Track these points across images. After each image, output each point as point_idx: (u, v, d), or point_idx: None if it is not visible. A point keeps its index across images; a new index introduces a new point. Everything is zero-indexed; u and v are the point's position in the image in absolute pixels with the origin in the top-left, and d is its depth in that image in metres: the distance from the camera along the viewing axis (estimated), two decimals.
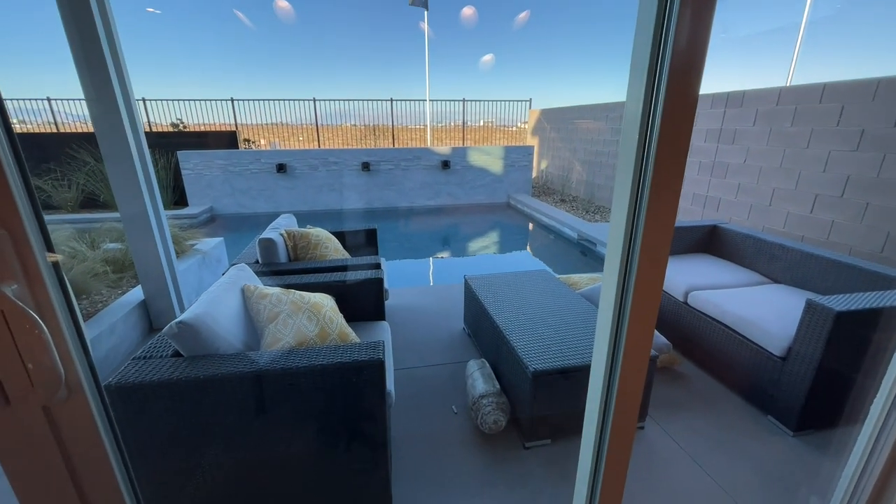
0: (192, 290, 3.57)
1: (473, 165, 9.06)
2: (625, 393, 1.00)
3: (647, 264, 0.81)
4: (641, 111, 0.70)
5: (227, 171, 8.07)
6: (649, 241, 0.78)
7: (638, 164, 0.74)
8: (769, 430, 2.06)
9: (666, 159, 0.71)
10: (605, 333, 0.94)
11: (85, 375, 0.61)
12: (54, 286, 0.57)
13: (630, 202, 0.77)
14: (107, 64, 2.41)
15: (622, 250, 0.82)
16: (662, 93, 0.67)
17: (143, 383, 1.27)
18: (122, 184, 2.69)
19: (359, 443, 1.55)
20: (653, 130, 0.70)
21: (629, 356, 0.94)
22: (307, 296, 1.78)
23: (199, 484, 1.43)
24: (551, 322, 2.23)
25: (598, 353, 1.00)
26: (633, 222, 0.79)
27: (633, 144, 0.73)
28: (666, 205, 0.76)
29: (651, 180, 0.72)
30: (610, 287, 0.88)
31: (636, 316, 0.88)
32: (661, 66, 0.66)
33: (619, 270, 0.84)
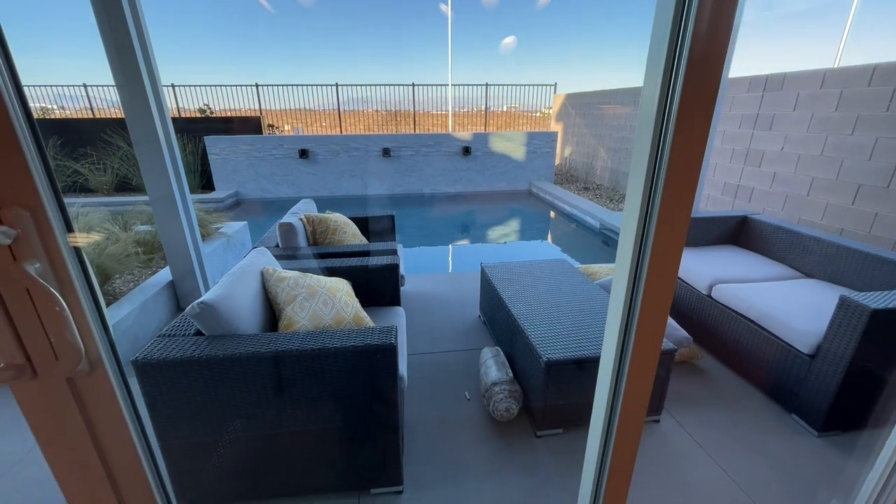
0: (217, 272, 3.69)
1: (495, 152, 8.94)
2: (634, 386, 0.98)
3: (660, 256, 0.78)
4: (658, 97, 0.67)
5: (251, 157, 8.23)
6: (663, 232, 0.76)
7: (654, 150, 0.71)
8: (792, 429, 2.00)
9: (683, 146, 0.68)
10: (614, 325, 0.92)
11: (105, 350, 0.64)
12: (74, 265, 0.60)
13: (644, 190, 0.74)
14: (135, 50, 2.47)
15: (635, 241, 0.79)
16: (681, 77, 0.63)
17: (167, 360, 1.33)
18: (150, 168, 2.78)
19: (372, 423, 1.59)
20: (669, 117, 0.67)
21: (639, 349, 0.92)
22: (324, 280, 1.81)
23: (218, 453, 1.51)
24: (567, 312, 2.21)
25: (608, 345, 0.98)
26: (647, 211, 0.76)
27: (650, 131, 0.70)
28: (682, 194, 0.72)
29: (667, 168, 0.69)
30: (621, 278, 0.86)
31: (648, 309, 0.85)
32: (680, 46, 0.62)
33: (631, 262, 0.81)
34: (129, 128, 2.66)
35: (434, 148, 8.68)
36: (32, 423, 0.65)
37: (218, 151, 8.12)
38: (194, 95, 10.42)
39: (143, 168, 2.78)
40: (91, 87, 10.36)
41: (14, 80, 0.52)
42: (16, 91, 0.52)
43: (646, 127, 0.70)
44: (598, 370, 1.08)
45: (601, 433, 1.05)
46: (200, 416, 1.44)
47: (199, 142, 8.11)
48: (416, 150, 8.64)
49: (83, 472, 0.70)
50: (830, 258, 2.49)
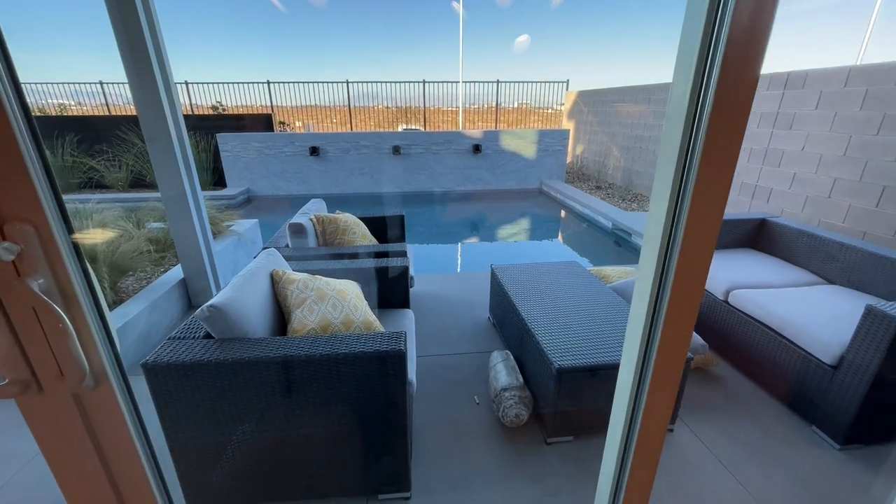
0: (228, 270, 3.72)
1: (505, 150, 8.86)
2: (655, 398, 0.94)
3: (687, 262, 0.74)
4: (690, 93, 0.62)
5: (262, 154, 8.28)
6: (692, 238, 0.71)
7: (683, 151, 0.67)
8: (812, 441, 1.93)
9: (716, 147, 0.64)
10: (636, 333, 0.88)
11: (110, 365, 0.63)
12: (79, 279, 0.58)
13: (672, 192, 0.70)
14: (147, 48, 2.48)
15: (660, 246, 0.75)
16: (716, 72, 0.59)
17: (176, 363, 1.33)
18: (162, 166, 2.80)
19: (380, 429, 1.57)
20: (702, 115, 0.62)
21: (662, 360, 0.88)
22: (333, 282, 1.80)
23: (226, 456, 1.50)
24: (579, 316, 2.16)
25: (628, 354, 0.94)
26: (675, 216, 0.72)
27: (679, 130, 0.66)
28: (714, 197, 0.68)
29: (698, 169, 0.65)
30: (644, 285, 0.81)
31: (672, 318, 0.81)
32: (716, 39, 0.58)
33: (656, 268, 0.77)
34: (142, 125, 2.68)
35: (444, 146, 8.64)
36: (38, 437, 0.64)
37: (230, 149, 8.18)
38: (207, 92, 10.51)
39: (155, 166, 2.80)
40: (107, 84, 10.51)
41: (17, 93, 0.51)
42: (19, 104, 0.51)
43: (674, 124, 0.67)
44: (617, 380, 1.04)
45: (619, 446, 1.02)
46: (209, 418, 1.43)
47: (211, 139, 8.19)
48: (427, 147, 8.61)
49: (89, 485, 0.69)
50: (855, 264, 2.40)
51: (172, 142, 2.75)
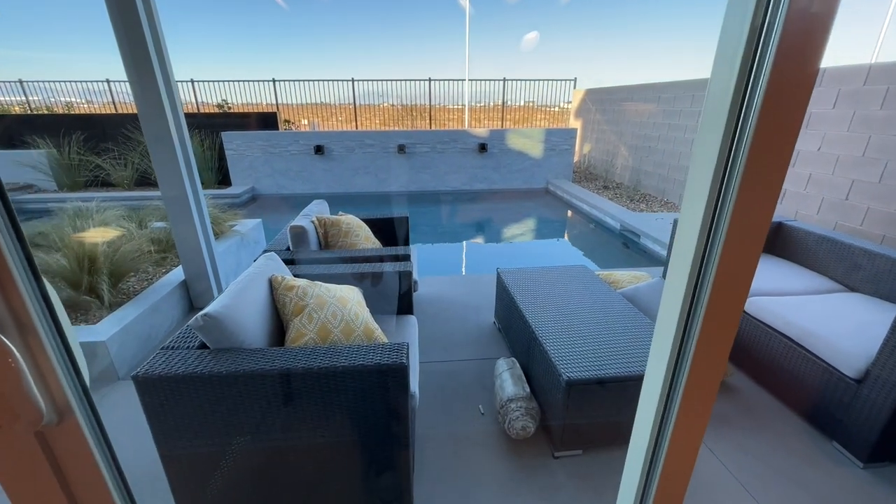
0: (230, 271, 3.68)
1: (512, 149, 8.76)
2: (687, 419, 0.86)
3: (728, 274, 0.65)
4: (734, 85, 0.55)
5: (267, 153, 8.25)
6: (735, 247, 0.63)
7: (724, 152, 0.59)
8: (833, 458, 1.84)
9: (765, 149, 0.56)
10: (664, 347, 0.79)
11: (76, 398, 0.57)
12: (38, 307, 0.52)
13: (710, 197, 0.62)
14: (147, 45, 2.42)
15: (695, 256, 0.67)
16: (769, 63, 0.51)
17: (168, 376, 1.27)
18: (163, 165, 2.75)
19: (381, 443, 1.51)
20: (750, 112, 0.55)
21: (697, 379, 0.79)
22: (333, 289, 1.73)
23: (221, 470, 1.45)
24: (588, 324, 2.08)
25: (654, 370, 0.86)
26: (713, 224, 0.64)
27: (719, 129, 0.58)
28: (762, 202, 0.60)
29: (743, 174, 0.58)
30: (675, 296, 0.73)
31: (710, 333, 0.72)
32: (768, 26, 0.50)
33: (689, 279, 0.69)
34: (142, 123, 2.63)
35: (449, 145, 8.56)
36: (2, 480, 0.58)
37: (235, 147, 8.16)
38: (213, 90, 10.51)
39: (156, 166, 2.75)
40: (113, 83, 10.54)
41: None
42: None
43: (713, 123, 0.59)
44: (640, 397, 0.96)
45: (642, 468, 0.94)
46: (202, 431, 1.38)
47: (216, 137, 8.17)
48: (432, 146, 8.53)
49: None
50: (882, 273, 2.29)
51: (173, 141, 2.70)
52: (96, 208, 3.85)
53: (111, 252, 2.91)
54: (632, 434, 1.01)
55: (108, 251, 2.89)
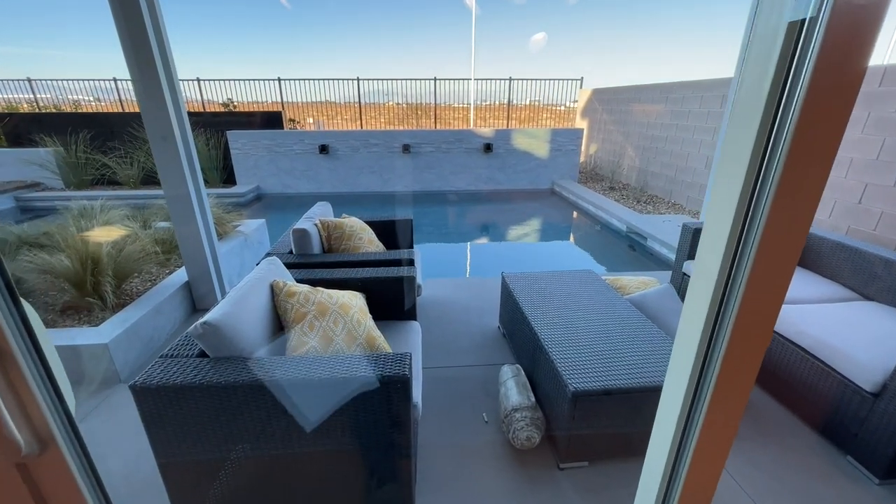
0: (234, 272, 3.66)
1: (517, 149, 8.70)
2: (712, 436, 0.81)
3: (761, 284, 0.61)
4: (769, 85, 0.50)
5: (272, 152, 8.25)
6: (767, 259, 0.58)
7: (757, 156, 0.55)
8: (848, 473, 1.79)
9: (806, 152, 0.52)
10: (686, 358, 0.74)
11: (59, 426, 0.54)
12: (17, 334, 0.49)
13: (741, 201, 0.57)
14: (150, 43, 2.40)
15: (721, 265, 0.62)
16: (811, 61, 0.47)
17: (166, 386, 1.25)
18: (166, 165, 2.73)
19: (383, 454, 1.48)
20: (789, 113, 0.50)
21: (723, 394, 0.74)
22: (335, 295, 1.70)
23: (220, 480, 1.42)
24: (595, 332, 2.04)
25: (674, 382, 0.81)
26: (743, 231, 0.59)
27: (751, 131, 0.54)
28: (798, 217, 0.56)
29: (780, 178, 0.53)
30: (698, 310, 0.68)
31: (739, 346, 0.67)
32: (812, 18, 0.46)
33: (716, 289, 0.64)
34: (145, 123, 2.60)
35: (455, 144, 8.51)
36: None
37: (240, 146, 8.17)
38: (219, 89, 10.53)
39: (159, 166, 2.73)
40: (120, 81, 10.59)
41: None
42: None
43: (745, 122, 0.55)
44: (658, 412, 0.92)
45: (659, 489, 0.90)
46: (201, 441, 1.35)
47: (221, 136, 8.18)
48: (437, 146, 8.49)
49: None
50: None
51: (176, 141, 2.67)
52: (101, 208, 3.85)
53: (115, 253, 2.90)
54: (647, 453, 0.97)
55: (112, 252, 2.88)
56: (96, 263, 2.69)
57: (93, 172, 7.85)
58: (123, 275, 2.87)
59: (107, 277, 2.67)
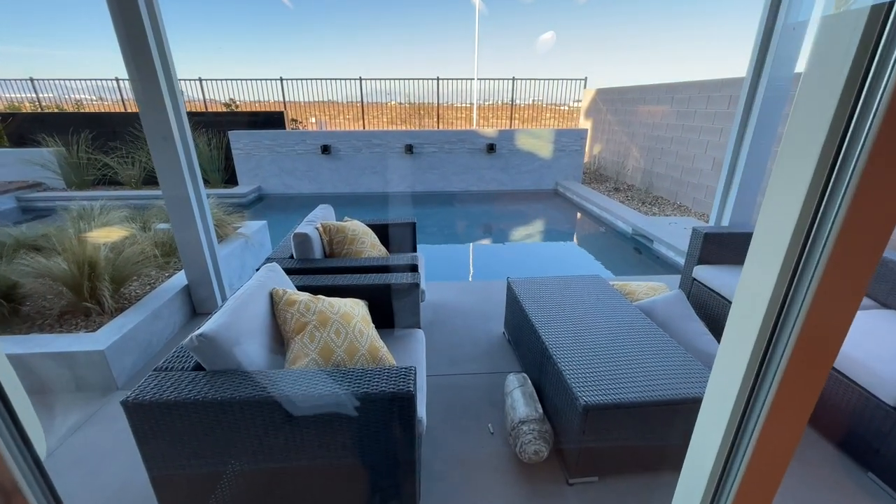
0: (234, 275, 3.61)
1: (520, 149, 8.62)
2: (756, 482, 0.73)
3: (826, 309, 0.54)
4: (848, 73, 0.44)
5: (274, 152, 8.21)
6: (839, 271, 0.52)
7: (826, 160, 0.49)
8: (869, 491, 1.72)
9: (888, 166, 0.46)
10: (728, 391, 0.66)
11: (26, 473, 0.48)
12: None
13: (802, 218, 0.51)
14: (148, 43, 2.34)
15: (778, 277, 0.55)
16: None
17: (158, 402, 1.19)
18: (165, 166, 2.67)
19: (386, 470, 1.42)
20: (872, 107, 0.44)
21: (768, 442, 0.65)
22: (337, 304, 1.64)
23: (216, 496, 1.37)
24: (604, 341, 1.97)
25: (711, 422, 0.73)
26: (807, 242, 0.52)
27: (822, 128, 0.47)
28: (879, 225, 0.50)
29: (859, 184, 0.47)
30: (747, 330, 0.61)
31: (794, 379, 0.59)
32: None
33: (769, 310, 0.57)
34: (144, 123, 2.54)
35: (457, 145, 8.44)
36: None
37: (242, 146, 8.12)
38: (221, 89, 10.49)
39: (157, 167, 2.67)
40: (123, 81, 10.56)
41: None
42: None
43: (812, 122, 0.48)
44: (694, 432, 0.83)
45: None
46: (195, 457, 1.30)
47: (223, 136, 8.13)
48: (440, 146, 8.42)
49: None
50: None
51: (175, 142, 2.61)
52: (100, 210, 3.80)
53: (114, 256, 2.85)
54: (677, 487, 0.91)
55: (111, 255, 2.83)
56: (94, 267, 2.64)
57: (94, 173, 7.82)
58: (122, 278, 2.82)
59: (104, 282, 2.62)
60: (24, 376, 2.20)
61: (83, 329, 2.47)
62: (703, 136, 6.37)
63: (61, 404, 2.18)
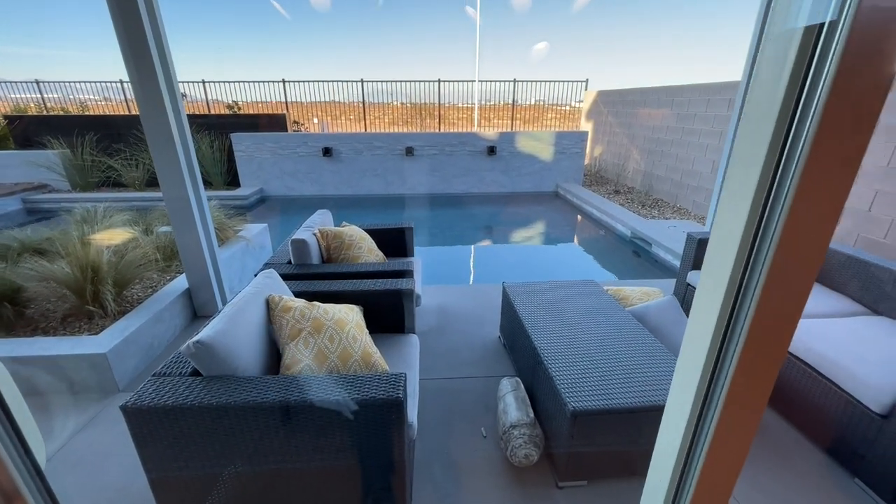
0: (235, 278, 3.66)
1: (521, 152, 8.65)
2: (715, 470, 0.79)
3: (775, 299, 0.58)
4: (786, 87, 0.48)
5: (276, 154, 8.27)
6: (786, 269, 0.56)
7: (770, 165, 0.53)
8: (856, 497, 1.74)
9: (827, 161, 0.49)
10: (690, 382, 0.71)
11: (27, 480, 0.52)
12: None
13: (750, 218, 0.55)
14: (148, 45, 2.36)
15: (730, 276, 0.59)
16: (834, 61, 0.45)
17: (156, 407, 1.23)
18: (165, 170, 2.71)
19: (377, 473, 1.46)
20: (808, 118, 0.48)
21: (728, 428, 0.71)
22: (331, 311, 1.68)
23: (214, 497, 1.41)
24: (596, 346, 2.01)
25: (678, 403, 0.78)
26: (754, 245, 0.56)
27: (766, 135, 0.51)
28: (819, 225, 0.53)
29: (797, 188, 0.51)
30: (705, 323, 0.65)
31: (747, 368, 0.64)
32: (833, 20, 0.44)
33: (723, 305, 0.61)
34: (144, 126, 2.57)
35: (458, 147, 8.48)
36: None
37: (244, 149, 8.19)
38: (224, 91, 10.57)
39: (158, 170, 2.71)
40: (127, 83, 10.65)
41: None
42: None
43: (758, 128, 0.52)
44: (660, 430, 0.89)
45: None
46: (192, 460, 1.34)
47: (225, 139, 8.20)
48: (440, 148, 8.46)
49: None
50: None
51: (175, 144, 2.63)
52: (104, 213, 3.86)
53: (116, 260, 2.90)
54: (647, 478, 0.95)
55: (114, 259, 2.89)
56: (97, 271, 2.69)
57: (98, 175, 7.91)
58: (124, 282, 2.88)
59: (107, 285, 2.68)
60: (27, 379, 2.26)
61: (86, 332, 2.53)
62: (703, 139, 6.39)
63: (64, 407, 2.23)
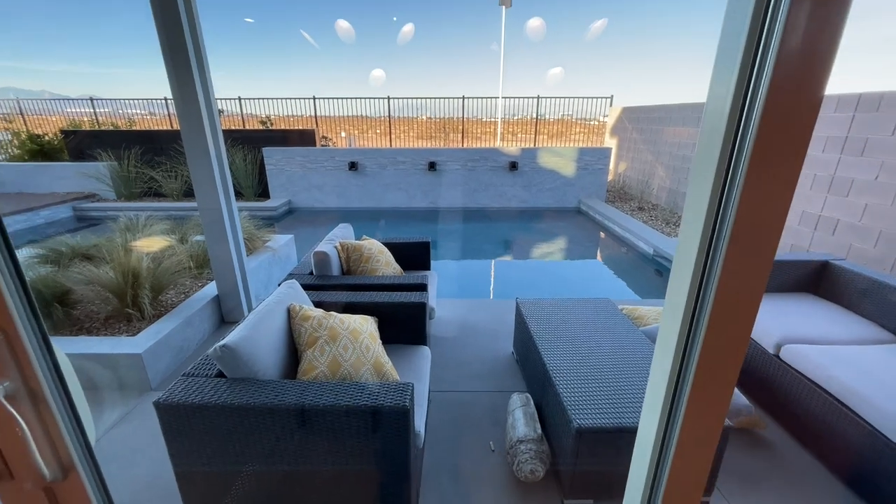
0: (261, 286, 3.84)
1: (543, 167, 8.68)
2: (681, 473, 0.83)
3: (724, 314, 0.63)
4: (729, 109, 0.55)
5: (305, 168, 8.62)
6: (731, 286, 0.61)
7: (719, 182, 0.59)
8: None
9: (764, 179, 0.55)
10: (656, 397, 0.77)
11: (80, 456, 0.62)
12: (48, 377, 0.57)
13: (704, 230, 0.61)
14: (191, 66, 2.56)
15: (689, 290, 0.65)
16: (764, 88, 0.51)
17: (185, 404, 1.35)
18: (200, 183, 2.91)
19: (385, 479, 1.52)
20: (745, 139, 0.55)
21: (690, 428, 0.76)
22: (347, 321, 1.78)
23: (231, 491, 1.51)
24: (606, 365, 2.02)
25: (647, 419, 0.84)
26: (709, 252, 0.62)
27: (713, 156, 0.58)
28: (760, 238, 0.59)
29: (738, 206, 0.57)
30: (668, 339, 0.71)
31: (705, 377, 0.69)
32: (762, 55, 0.51)
33: (684, 317, 0.67)
34: (184, 140, 2.76)
35: (480, 162, 8.60)
36: None
37: (274, 162, 8.58)
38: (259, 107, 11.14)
39: (194, 182, 2.91)
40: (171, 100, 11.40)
41: None
42: None
43: (708, 150, 0.59)
44: (634, 448, 0.94)
45: None
46: (214, 454, 1.44)
47: (258, 153, 8.63)
48: (463, 164, 8.60)
49: None
50: None
51: (211, 157, 2.83)
52: (145, 222, 4.15)
53: (154, 266, 3.12)
54: (625, 489, 0.99)
55: (152, 266, 3.11)
56: (136, 277, 2.91)
57: (141, 185, 8.45)
58: (160, 287, 3.08)
59: (145, 290, 2.88)
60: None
61: (125, 333, 2.72)
62: None
63: (102, 401, 2.41)
